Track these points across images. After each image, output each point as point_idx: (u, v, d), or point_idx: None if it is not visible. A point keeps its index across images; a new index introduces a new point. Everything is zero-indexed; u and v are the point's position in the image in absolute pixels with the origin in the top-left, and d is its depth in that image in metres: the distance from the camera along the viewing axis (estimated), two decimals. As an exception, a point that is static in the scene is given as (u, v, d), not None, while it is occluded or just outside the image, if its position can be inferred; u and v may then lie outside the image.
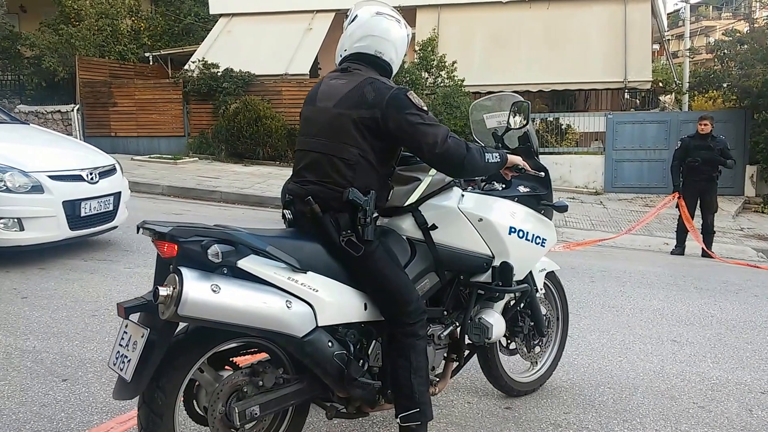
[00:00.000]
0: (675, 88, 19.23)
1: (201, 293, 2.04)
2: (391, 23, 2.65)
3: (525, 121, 3.08)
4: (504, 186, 3.17)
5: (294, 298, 2.27)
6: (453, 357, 3.00)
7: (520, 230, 3.01)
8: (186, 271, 2.06)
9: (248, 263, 2.22)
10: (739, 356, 4.50)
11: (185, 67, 16.77)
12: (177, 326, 2.19)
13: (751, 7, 20.63)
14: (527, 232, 3.04)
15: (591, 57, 16.37)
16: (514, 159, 2.85)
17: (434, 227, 2.76)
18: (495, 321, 2.98)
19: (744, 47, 16.07)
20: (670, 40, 27.91)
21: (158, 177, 12.41)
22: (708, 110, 16.01)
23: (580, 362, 4.17)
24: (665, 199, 9.84)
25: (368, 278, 2.51)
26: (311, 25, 17.62)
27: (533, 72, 16.10)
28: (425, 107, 2.51)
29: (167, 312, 2.04)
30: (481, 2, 17.44)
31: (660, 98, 21.02)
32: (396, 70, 2.74)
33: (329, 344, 2.37)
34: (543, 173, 3.12)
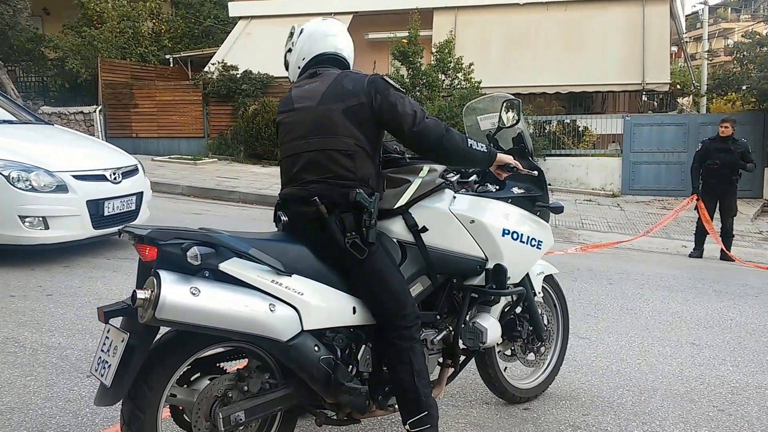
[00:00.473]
0: (693, 91, 19.10)
1: (179, 296, 2.00)
2: (336, 23, 2.75)
3: (516, 118, 3.01)
4: (498, 187, 3.11)
5: (278, 302, 2.22)
6: (448, 363, 2.92)
7: (514, 232, 2.94)
8: (164, 274, 2.02)
9: (230, 266, 2.17)
10: (759, 360, 4.48)
11: (205, 69, 16.94)
12: (158, 331, 2.15)
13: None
14: (522, 234, 2.97)
15: (608, 59, 16.29)
16: (504, 157, 2.80)
17: (425, 229, 2.70)
18: (490, 325, 2.89)
19: (763, 49, 15.88)
20: (688, 42, 27.66)
21: (178, 177, 12.52)
22: (727, 113, 15.88)
23: (599, 364, 4.17)
24: (683, 202, 9.77)
25: (367, 281, 2.46)
26: (329, 28, 17.68)
27: (550, 74, 16.03)
28: (403, 89, 2.52)
29: (145, 316, 2.00)
30: (498, 4, 17.39)
31: (678, 100, 20.90)
32: (352, 67, 2.76)
33: (315, 348, 2.31)
34: (536, 173, 3.05)
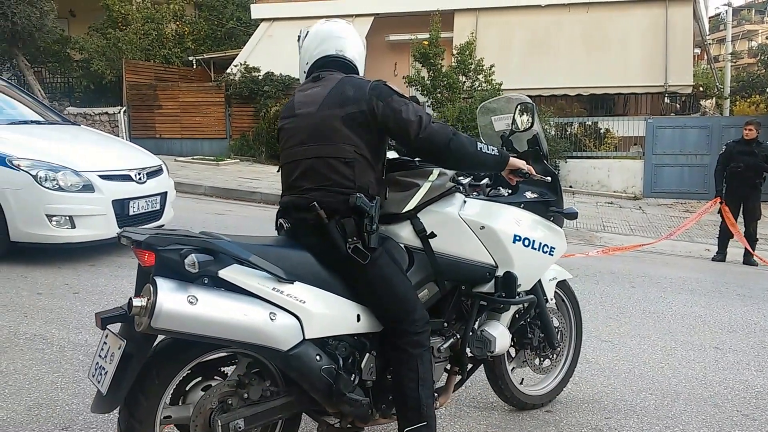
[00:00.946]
0: (716, 93, 18.90)
1: (176, 305, 1.94)
2: (339, 24, 2.65)
3: (531, 122, 2.94)
4: (510, 192, 3.03)
5: (279, 310, 2.16)
6: (455, 370, 2.85)
7: (526, 238, 2.86)
8: (161, 282, 1.97)
9: (230, 273, 2.11)
10: (784, 365, 4.44)
11: (227, 71, 17.07)
12: (155, 338, 2.11)
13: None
14: (534, 241, 2.89)
15: (631, 61, 16.18)
16: (517, 162, 2.70)
17: (433, 235, 2.62)
18: (499, 334, 2.81)
19: (788, 51, 15.75)
20: (712, 44, 27.42)
21: (201, 178, 12.64)
22: (751, 115, 15.70)
23: (621, 368, 4.15)
24: (707, 205, 9.66)
25: (372, 287, 2.40)
26: (350, 30, 17.75)
27: (572, 76, 15.96)
28: (406, 95, 2.46)
29: (142, 324, 1.95)
30: (520, 6, 17.32)
31: (701, 103, 20.70)
32: (362, 70, 2.67)
33: (317, 358, 2.25)
34: (550, 178, 2.95)
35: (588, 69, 16.04)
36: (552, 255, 3.02)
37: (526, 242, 2.87)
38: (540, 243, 2.93)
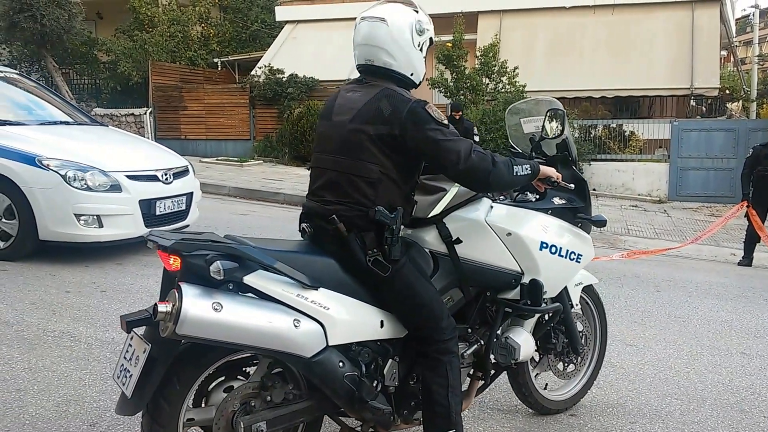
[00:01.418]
0: (743, 96, 18.65)
1: (201, 311, 1.96)
2: (373, 24, 2.42)
3: (561, 128, 2.92)
4: (538, 197, 2.99)
5: (303, 316, 2.16)
6: (478, 375, 2.84)
7: (553, 246, 2.82)
8: (186, 288, 1.98)
9: (255, 279, 2.12)
10: (813, 372, 4.37)
11: (252, 73, 17.24)
12: (180, 343, 2.11)
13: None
14: (561, 248, 2.85)
15: (656, 63, 16.00)
16: (547, 170, 2.67)
17: (459, 241, 2.60)
18: (523, 341, 2.80)
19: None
20: (738, 47, 27.02)
21: (225, 178, 12.73)
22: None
23: (647, 372, 4.12)
24: (733, 209, 9.51)
25: (397, 297, 2.38)
26: (373, 31, 17.78)
27: (596, 78, 15.83)
28: (445, 120, 2.36)
29: (166, 330, 1.96)
30: (544, 8, 17.23)
31: (727, 106, 20.43)
32: (418, 77, 2.48)
33: (340, 364, 2.25)
34: (573, 185, 2.92)
35: (612, 71, 15.90)
36: (579, 262, 2.99)
37: (553, 249, 2.83)
38: (567, 250, 2.90)
